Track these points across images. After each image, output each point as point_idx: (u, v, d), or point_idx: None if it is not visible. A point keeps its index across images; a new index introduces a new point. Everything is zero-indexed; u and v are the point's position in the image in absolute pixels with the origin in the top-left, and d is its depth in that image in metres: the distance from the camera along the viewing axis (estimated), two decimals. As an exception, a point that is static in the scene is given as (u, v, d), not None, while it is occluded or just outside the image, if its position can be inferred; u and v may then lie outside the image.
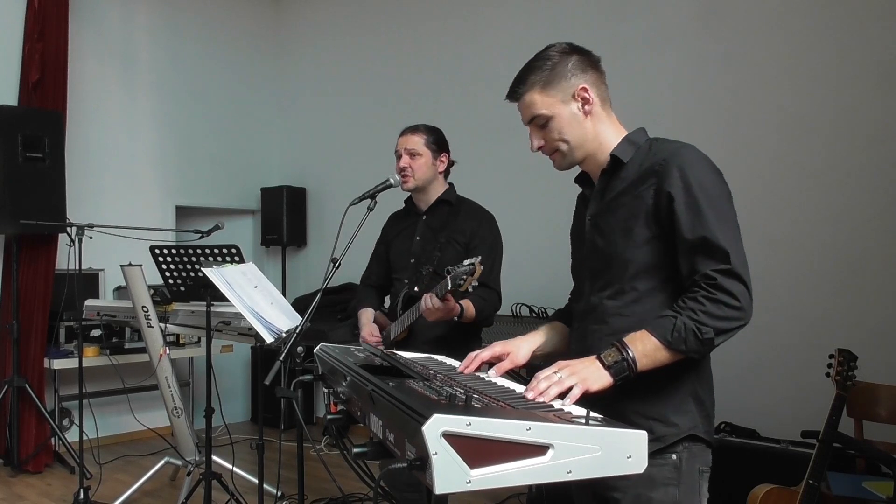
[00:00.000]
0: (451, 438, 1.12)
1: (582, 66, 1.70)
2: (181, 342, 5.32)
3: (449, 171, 2.92)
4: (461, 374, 1.70)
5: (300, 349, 2.40)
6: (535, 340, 1.83)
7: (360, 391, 1.48)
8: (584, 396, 1.46)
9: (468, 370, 1.71)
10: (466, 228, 2.80)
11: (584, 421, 1.25)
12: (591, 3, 4.52)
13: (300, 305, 4.64)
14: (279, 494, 3.71)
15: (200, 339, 5.05)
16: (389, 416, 1.30)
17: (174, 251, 3.59)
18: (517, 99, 1.73)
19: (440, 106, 4.93)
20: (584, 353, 1.66)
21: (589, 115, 1.70)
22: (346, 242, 2.40)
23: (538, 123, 1.71)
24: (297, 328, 2.38)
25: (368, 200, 2.58)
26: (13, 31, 4.91)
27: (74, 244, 3.74)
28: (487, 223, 2.85)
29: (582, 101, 1.69)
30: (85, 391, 4.00)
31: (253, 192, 6.35)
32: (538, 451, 1.17)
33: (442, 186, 2.90)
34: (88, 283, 5.14)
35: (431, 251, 2.79)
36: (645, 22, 4.28)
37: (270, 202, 6.19)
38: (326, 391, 1.72)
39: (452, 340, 2.67)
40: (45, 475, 4.67)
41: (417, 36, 5.51)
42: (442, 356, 2.03)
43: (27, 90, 4.82)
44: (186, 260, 3.56)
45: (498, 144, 4.78)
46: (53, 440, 4.85)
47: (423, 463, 1.13)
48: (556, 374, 1.49)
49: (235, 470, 3.92)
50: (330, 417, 1.68)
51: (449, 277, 2.36)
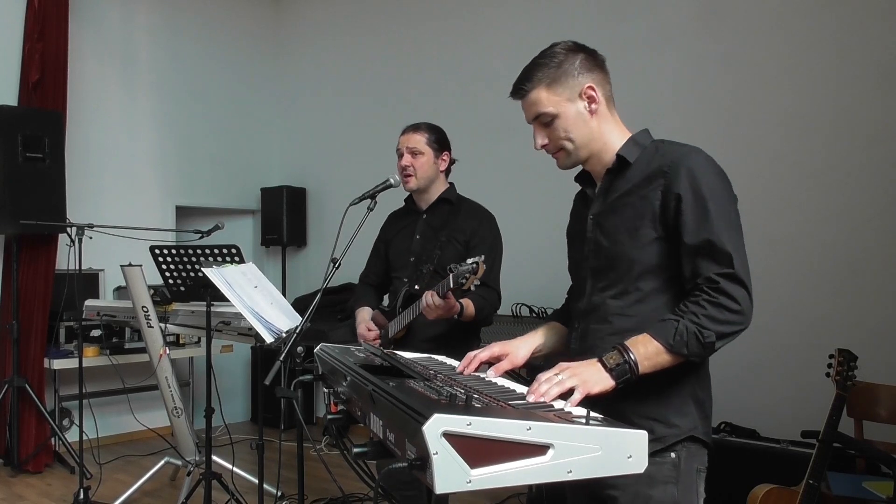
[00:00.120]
0: (451, 438, 1.12)
1: (588, 64, 1.69)
2: (181, 342, 5.32)
3: (450, 170, 2.92)
4: (461, 374, 1.70)
5: (300, 349, 2.39)
6: (533, 342, 1.84)
7: (360, 391, 1.48)
8: (584, 398, 1.46)
9: (468, 370, 1.71)
10: (467, 228, 2.80)
11: (584, 421, 1.25)
12: (591, 3, 4.52)
13: (300, 305, 4.64)
14: (279, 494, 3.71)
15: (200, 339, 5.05)
16: (390, 415, 1.30)
17: (174, 251, 3.59)
18: (522, 96, 1.71)
19: (440, 106, 4.92)
20: (584, 352, 1.66)
21: (595, 114, 1.69)
22: (346, 242, 2.40)
23: (543, 121, 1.70)
24: (297, 328, 2.38)
25: (368, 200, 2.58)
26: (13, 31, 4.91)
27: (74, 244, 3.73)
28: (488, 222, 2.85)
29: (588, 99, 1.68)
30: (85, 391, 4.00)
31: (253, 192, 6.35)
32: (538, 450, 1.17)
33: (443, 185, 2.90)
34: (88, 283, 5.14)
35: (432, 250, 2.79)
36: (645, 22, 4.28)
37: (270, 202, 6.19)
38: (326, 391, 1.72)
39: (451, 339, 2.67)
40: (45, 475, 4.67)
41: (417, 36, 5.51)
42: (442, 356, 2.03)
43: (27, 90, 4.82)
44: (186, 260, 3.56)
45: (498, 144, 4.78)
46: (53, 440, 4.85)
47: (423, 463, 1.13)
48: (556, 375, 1.48)
49: (235, 470, 3.92)
50: (330, 417, 1.68)
51: (451, 275, 2.36)
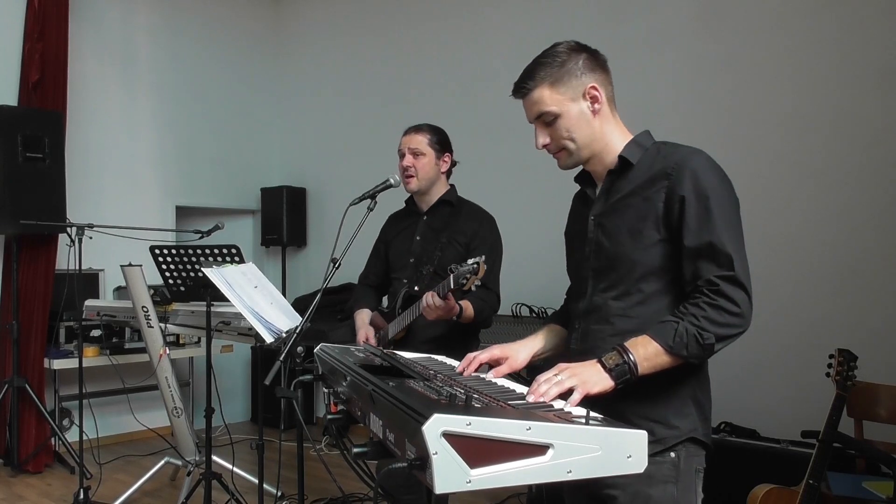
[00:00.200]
0: (451, 438, 1.12)
1: (591, 64, 1.69)
2: (181, 342, 5.32)
3: (451, 171, 2.92)
4: (461, 374, 1.70)
5: (300, 349, 2.39)
6: (533, 345, 1.84)
7: (360, 391, 1.48)
8: (584, 398, 1.46)
9: (468, 371, 1.71)
10: (467, 229, 2.80)
11: (584, 421, 1.25)
12: (591, 3, 4.52)
13: (300, 305, 4.64)
14: (279, 494, 3.71)
15: (200, 339, 5.04)
16: (389, 415, 1.30)
17: (174, 251, 3.59)
18: (524, 95, 1.70)
19: (440, 106, 4.92)
20: (585, 352, 1.66)
21: (597, 114, 1.69)
22: (346, 242, 2.40)
23: (545, 121, 1.69)
24: (297, 328, 2.38)
25: (368, 201, 2.58)
26: (13, 31, 4.91)
27: (74, 244, 3.73)
28: (488, 224, 2.85)
29: (591, 99, 1.68)
30: (85, 391, 4.00)
31: (253, 192, 6.35)
32: (538, 450, 1.17)
33: (444, 187, 2.89)
34: (88, 283, 5.14)
35: (432, 251, 2.79)
36: (645, 22, 4.27)
37: (270, 202, 6.18)
38: (326, 391, 1.72)
39: (451, 340, 2.67)
40: (45, 475, 4.67)
41: (417, 36, 5.51)
42: (441, 356, 2.03)
43: (27, 90, 4.82)
44: (186, 260, 3.56)
45: (498, 145, 4.78)
46: (53, 440, 4.85)
47: (423, 463, 1.13)
48: (556, 375, 1.48)
49: (235, 470, 3.92)
50: (330, 417, 1.68)
51: (452, 275, 2.36)
